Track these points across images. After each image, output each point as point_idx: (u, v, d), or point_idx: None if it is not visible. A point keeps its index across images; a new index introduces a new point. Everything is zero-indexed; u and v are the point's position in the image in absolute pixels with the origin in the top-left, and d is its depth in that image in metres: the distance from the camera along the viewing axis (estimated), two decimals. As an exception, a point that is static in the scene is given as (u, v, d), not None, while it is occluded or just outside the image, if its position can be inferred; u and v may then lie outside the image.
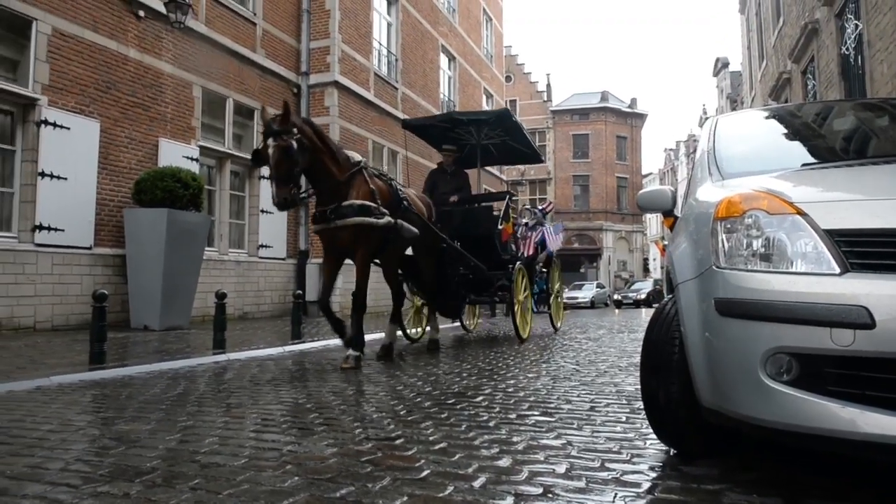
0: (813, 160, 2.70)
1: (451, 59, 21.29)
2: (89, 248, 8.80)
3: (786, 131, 3.22)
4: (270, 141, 4.57)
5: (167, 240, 8.35)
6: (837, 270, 1.66)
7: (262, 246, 12.45)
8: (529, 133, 9.66)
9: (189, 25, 10.38)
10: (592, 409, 3.13)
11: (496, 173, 24.33)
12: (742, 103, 25.89)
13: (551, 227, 9.11)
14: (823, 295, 1.62)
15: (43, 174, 8.21)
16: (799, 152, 2.91)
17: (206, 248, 10.01)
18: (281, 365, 5.31)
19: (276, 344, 6.70)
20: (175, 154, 10.13)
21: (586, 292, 30.59)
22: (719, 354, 1.83)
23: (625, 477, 1.99)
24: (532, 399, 3.46)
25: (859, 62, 9.30)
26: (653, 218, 52.79)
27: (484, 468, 2.10)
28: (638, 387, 3.64)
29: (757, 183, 2.09)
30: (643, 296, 30.71)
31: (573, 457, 2.23)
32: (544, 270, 9.31)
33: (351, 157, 5.32)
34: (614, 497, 1.81)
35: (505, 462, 2.18)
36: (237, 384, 4.17)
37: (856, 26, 9.42)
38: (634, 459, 2.20)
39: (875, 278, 1.60)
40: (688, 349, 1.99)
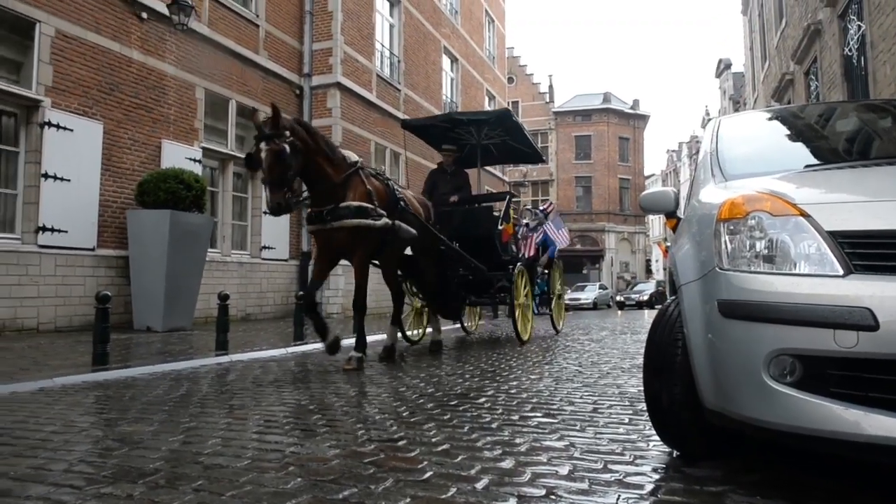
0: (816, 161, 2.70)
1: (454, 61, 21.31)
2: (92, 250, 8.82)
3: (789, 133, 3.22)
4: (263, 145, 4.49)
5: (170, 241, 8.37)
6: (840, 272, 1.65)
7: (265, 247, 12.47)
8: (531, 134, 9.64)
9: (192, 27, 10.41)
10: (595, 411, 3.13)
11: (498, 174, 24.34)
12: (745, 104, 25.86)
13: (552, 224, 9.07)
14: (827, 296, 1.62)
15: (46, 176, 8.23)
16: (802, 154, 2.91)
17: (209, 250, 10.03)
18: (283, 366, 5.31)
19: (279, 345, 6.71)
20: (178, 155, 10.15)
21: (589, 293, 30.57)
22: (722, 356, 1.82)
23: (628, 479, 1.99)
24: (535, 400, 3.46)
25: (862, 63, 9.28)
26: (655, 219, 52.76)
27: (487, 470, 2.10)
28: (641, 388, 3.64)
29: (760, 184, 2.09)
30: (646, 297, 30.71)
31: (576, 458, 2.23)
32: (545, 272, 9.30)
33: (348, 157, 5.25)
34: (617, 499, 1.80)
35: (508, 463, 2.18)
36: (240, 385, 4.17)
37: (859, 27, 9.41)
38: (637, 461, 2.20)
39: (878, 280, 1.60)
40: (691, 351, 1.99)
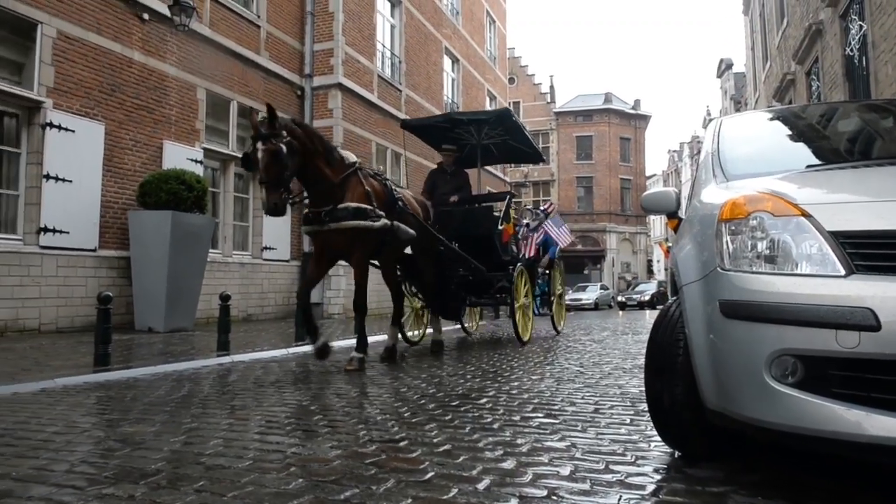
0: (817, 162, 2.70)
1: (455, 61, 21.32)
2: (94, 251, 8.83)
3: (790, 133, 3.21)
4: (259, 145, 4.47)
5: (171, 242, 8.37)
6: (842, 272, 1.65)
7: (266, 248, 12.48)
8: (532, 135, 9.62)
9: (193, 28, 10.42)
10: (597, 412, 3.13)
11: (499, 175, 24.33)
12: (746, 104, 25.84)
13: (551, 223, 9.06)
14: (828, 297, 1.62)
15: (48, 177, 8.24)
16: (803, 154, 2.90)
17: (211, 250, 10.04)
18: (285, 367, 5.31)
19: (280, 346, 6.71)
20: (179, 156, 10.16)
21: (590, 294, 30.57)
22: (724, 356, 1.82)
23: (629, 479, 1.99)
24: (536, 401, 3.46)
25: (864, 63, 9.27)
26: (656, 219, 52.73)
27: (488, 470, 2.10)
28: (642, 389, 3.64)
29: (761, 185, 2.09)
30: (647, 297, 30.68)
31: (577, 459, 2.23)
32: (546, 272, 9.28)
33: (346, 158, 5.22)
34: (619, 499, 1.80)
35: (509, 464, 2.18)
36: (241, 386, 4.18)
37: (860, 27, 9.40)
38: (639, 462, 2.20)
39: (880, 280, 1.60)
40: (692, 351, 1.98)
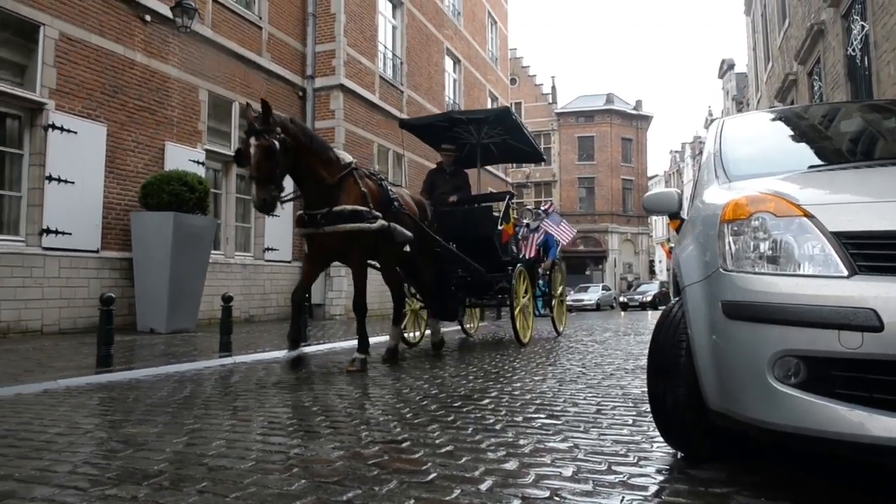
0: (820, 162, 2.70)
1: (456, 62, 21.32)
2: (96, 252, 8.85)
3: (792, 133, 3.21)
4: (252, 140, 4.43)
5: (173, 243, 8.39)
6: (845, 273, 1.65)
7: (268, 249, 12.49)
8: (534, 135, 9.58)
9: (195, 29, 10.43)
10: (599, 412, 3.13)
11: (501, 175, 24.33)
12: (748, 105, 25.82)
13: (550, 221, 9.03)
14: (831, 297, 1.61)
15: (50, 178, 8.26)
16: (805, 154, 2.90)
17: (213, 252, 10.05)
18: (287, 368, 5.30)
19: (282, 347, 6.66)
20: (181, 158, 10.18)
21: (592, 294, 30.52)
22: (727, 357, 1.82)
23: (632, 480, 1.99)
24: (538, 402, 3.45)
25: (866, 63, 9.26)
26: (658, 220, 52.69)
27: (491, 471, 2.10)
28: (644, 389, 3.63)
29: (763, 185, 2.08)
30: (649, 298, 30.63)
31: (580, 460, 2.23)
32: (547, 274, 9.26)
33: (341, 158, 5.17)
34: (621, 500, 1.80)
35: (511, 465, 2.17)
36: (243, 387, 4.18)
37: (862, 27, 9.39)
38: (641, 462, 2.20)
39: (883, 280, 1.59)
40: (695, 352, 1.98)
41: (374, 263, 5.80)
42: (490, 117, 7.94)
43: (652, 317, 17.68)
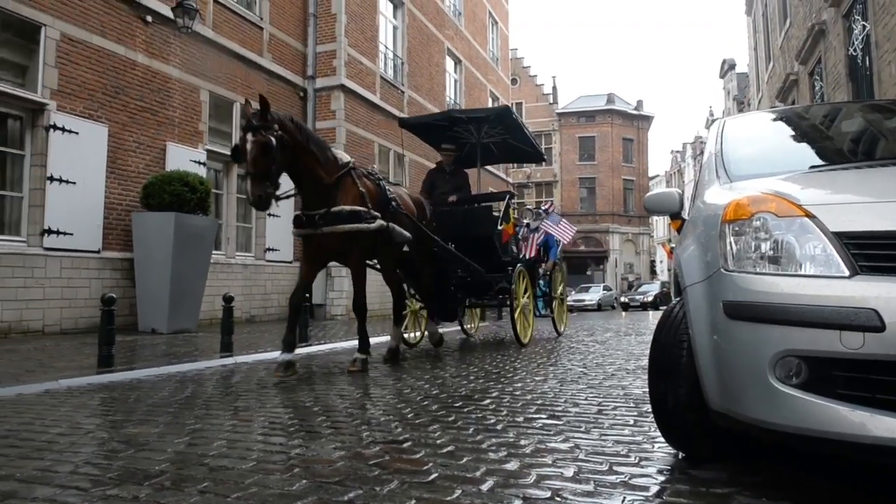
0: (821, 162, 2.69)
1: (457, 63, 21.33)
2: (98, 252, 8.85)
3: (793, 133, 3.21)
4: (249, 136, 4.40)
5: (175, 243, 8.39)
6: (846, 273, 1.65)
7: (269, 249, 12.49)
8: (535, 135, 9.56)
9: (196, 30, 10.44)
10: (600, 413, 3.13)
11: (501, 175, 24.33)
12: (749, 105, 25.82)
13: (549, 220, 9.02)
14: (832, 298, 1.61)
15: (52, 178, 8.27)
16: (807, 154, 2.90)
17: (214, 252, 10.05)
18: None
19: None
20: (182, 158, 10.19)
21: (593, 295, 30.49)
22: (728, 357, 1.82)
23: (633, 480, 1.99)
24: (539, 402, 3.45)
25: (867, 63, 9.26)
26: (659, 220, 52.67)
27: (492, 471, 2.10)
28: (646, 390, 3.63)
29: (765, 185, 2.08)
30: (650, 298, 30.61)
31: (581, 460, 2.23)
32: (547, 274, 9.25)
33: (339, 158, 5.14)
34: (622, 501, 1.80)
35: (513, 465, 2.17)
36: (244, 387, 4.18)
37: (863, 27, 9.38)
38: (642, 463, 2.20)
39: (884, 281, 1.59)
40: (696, 352, 1.98)
41: (374, 264, 5.79)
42: (490, 116, 7.88)
43: (653, 317, 17.66)
